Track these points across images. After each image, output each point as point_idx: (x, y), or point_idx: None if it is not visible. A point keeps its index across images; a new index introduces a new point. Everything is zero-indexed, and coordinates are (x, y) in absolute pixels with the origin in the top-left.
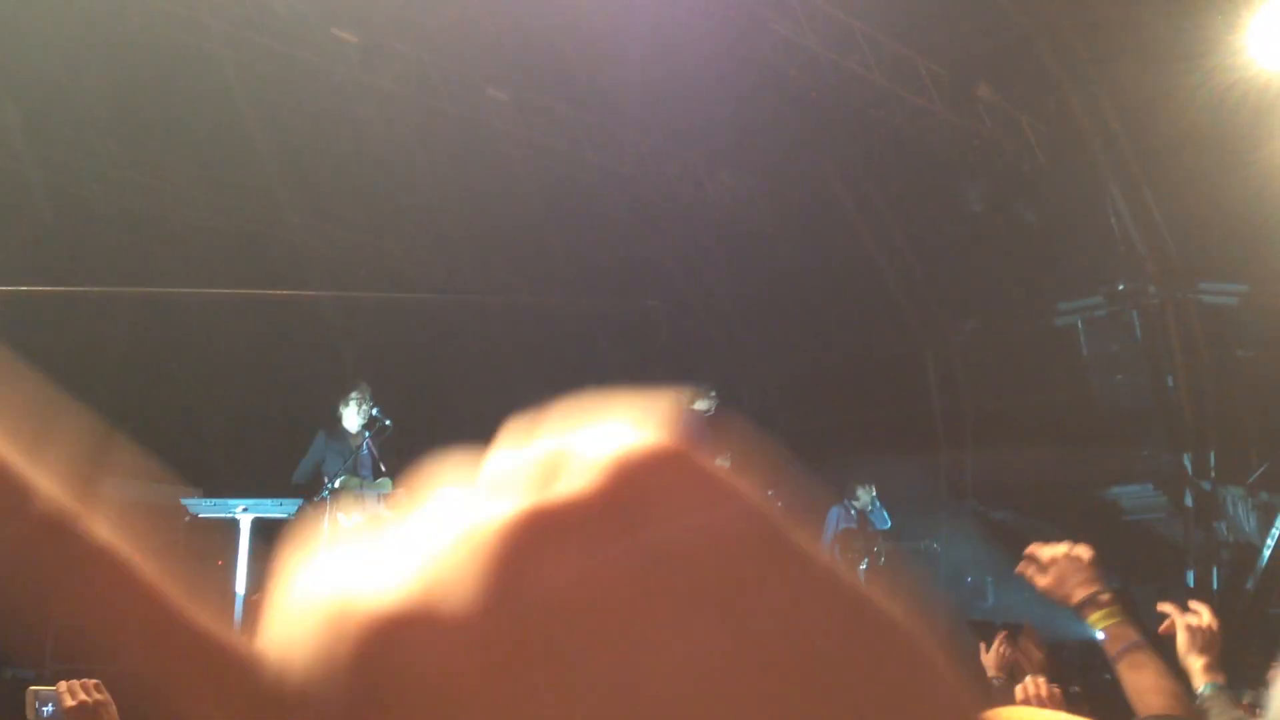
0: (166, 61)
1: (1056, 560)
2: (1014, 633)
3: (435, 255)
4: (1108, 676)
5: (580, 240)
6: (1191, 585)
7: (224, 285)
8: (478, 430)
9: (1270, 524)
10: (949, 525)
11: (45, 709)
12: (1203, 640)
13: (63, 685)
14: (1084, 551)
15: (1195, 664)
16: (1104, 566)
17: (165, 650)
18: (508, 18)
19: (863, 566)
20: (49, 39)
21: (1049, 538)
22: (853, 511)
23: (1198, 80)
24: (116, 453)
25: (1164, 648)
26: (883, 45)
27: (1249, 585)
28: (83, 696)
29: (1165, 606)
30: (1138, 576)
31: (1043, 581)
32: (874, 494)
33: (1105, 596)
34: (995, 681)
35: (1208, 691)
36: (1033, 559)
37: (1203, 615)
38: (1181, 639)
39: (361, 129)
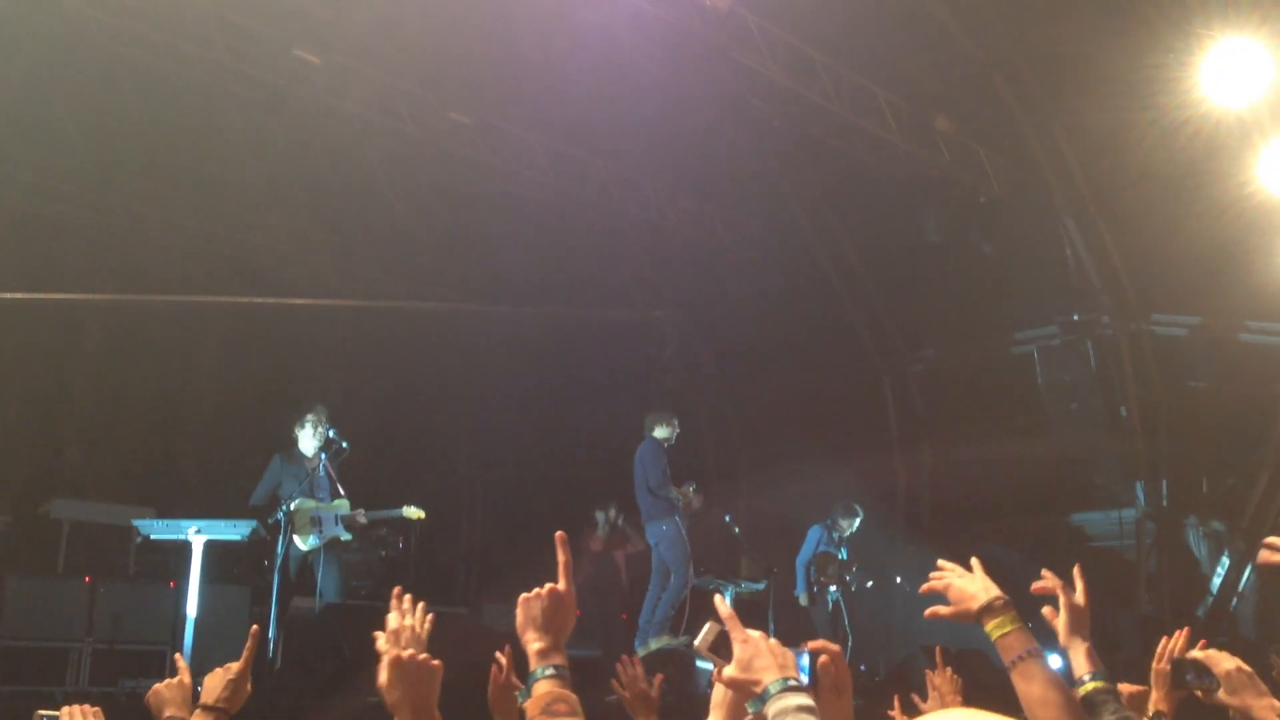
0: (128, 82)
1: (950, 585)
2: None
3: (394, 276)
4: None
5: (541, 264)
6: (1148, 611)
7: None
8: (449, 449)
9: (1221, 552)
10: (906, 552)
11: None
12: (1083, 621)
13: (64, 711)
14: (974, 565)
15: (1079, 648)
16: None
17: None
18: (470, 43)
19: (832, 589)
20: (13, 61)
21: (1009, 565)
22: (834, 535)
23: (1151, 116)
24: (70, 471)
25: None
26: (843, 76)
27: (1199, 613)
28: None
29: (1047, 575)
30: (1103, 602)
31: (946, 611)
32: (857, 525)
33: (1000, 603)
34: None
35: (1095, 684)
36: (932, 592)
37: (1078, 592)
38: (1064, 619)
39: (325, 149)
